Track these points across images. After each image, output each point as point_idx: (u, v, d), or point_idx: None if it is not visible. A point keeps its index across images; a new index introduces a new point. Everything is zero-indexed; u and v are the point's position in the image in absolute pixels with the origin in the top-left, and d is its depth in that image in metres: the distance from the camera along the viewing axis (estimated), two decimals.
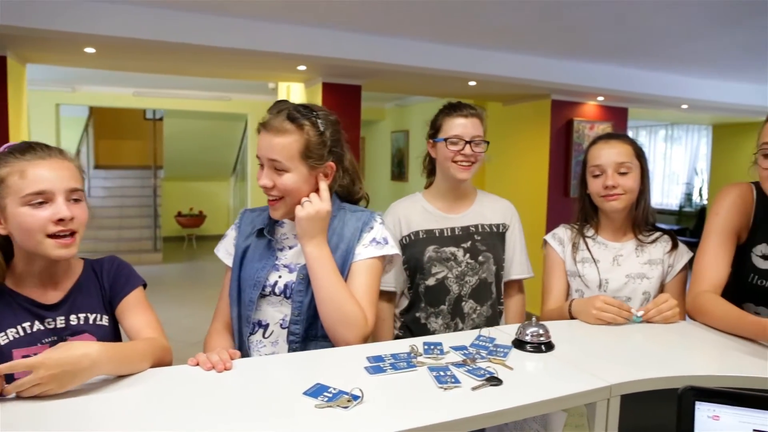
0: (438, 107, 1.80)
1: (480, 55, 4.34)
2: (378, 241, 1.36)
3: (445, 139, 1.69)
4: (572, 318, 1.51)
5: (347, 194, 1.47)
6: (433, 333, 1.70)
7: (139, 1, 3.24)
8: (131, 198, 9.18)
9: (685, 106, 6.06)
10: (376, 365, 1.07)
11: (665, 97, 5.37)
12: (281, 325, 1.35)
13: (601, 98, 5.47)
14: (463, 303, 1.72)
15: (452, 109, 1.73)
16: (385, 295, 1.73)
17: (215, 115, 8.66)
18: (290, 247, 1.39)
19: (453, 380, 0.99)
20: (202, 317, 1.48)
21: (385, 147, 8.60)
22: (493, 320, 1.75)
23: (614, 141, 1.65)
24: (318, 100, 4.66)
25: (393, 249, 1.38)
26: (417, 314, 1.74)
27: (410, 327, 1.76)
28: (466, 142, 1.67)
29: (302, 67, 4.28)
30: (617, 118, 5.79)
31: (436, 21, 3.60)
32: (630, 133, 9.49)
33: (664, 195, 9.68)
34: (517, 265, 1.81)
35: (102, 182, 9.33)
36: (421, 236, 1.74)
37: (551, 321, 1.45)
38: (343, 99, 4.70)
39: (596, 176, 1.64)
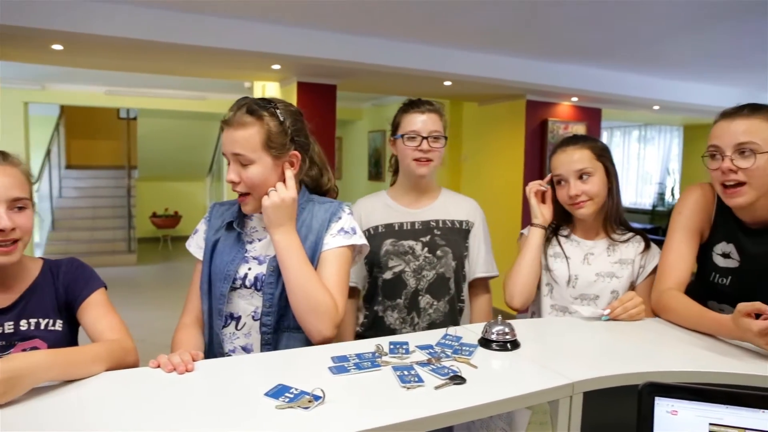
0: None
1: (455, 55, 4.36)
2: (346, 230, 1.38)
3: (403, 135, 1.70)
4: (533, 226, 1.68)
5: (316, 186, 1.49)
6: (389, 326, 1.72)
7: None
8: (104, 198, 9.03)
9: (656, 107, 6.17)
10: (340, 365, 1.06)
11: (637, 98, 5.46)
12: (253, 317, 1.35)
13: (575, 99, 5.54)
14: (420, 297, 1.72)
15: (410, 105, 1.73)
16: None
17: (190, 114, 8.56)
18: (259, 240, 1.40)
19: (416, 379, 0.99)
20: (178, 319, 1.47)
21: (362, 147, 8.59)
22: (451, 317, 1.75)
23: (570, 148, 1.65)
24: (293, 100, 4.64)
25: (361, 239, 1.40)
26: (375, 307, 1.75)
27: (369, 320, 1.77)
28: (423, 138, 1.68)
29: (276, 67, 4.25)
30: (591, 118, 5.86)
31: (411, 21, 3.60)
32: (605, 134, 9.65)
33: (638, 194, 9.83)
34: (482, 263, 1.82)
35: (74, 182, 9.16)
36: (380, 230, 1.74)
37: (518, 320, 1.46)
38: (319, 98, 4.68)
39: (560, 184, 1.66)
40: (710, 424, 0.96)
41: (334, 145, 4.81)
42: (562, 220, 1.74)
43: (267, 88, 5.43)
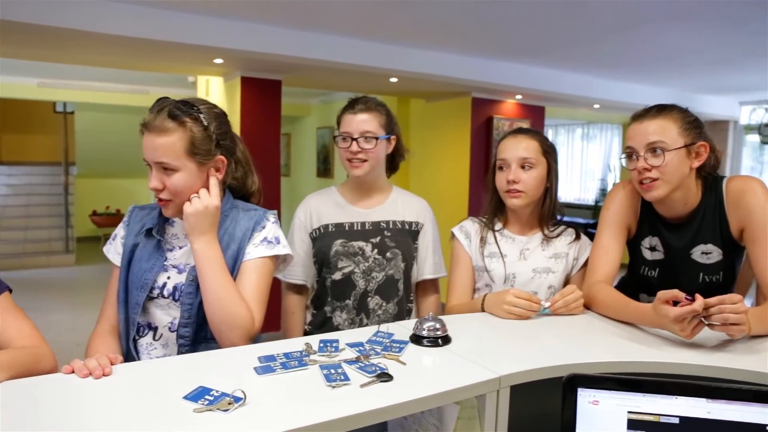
0: None
1: (401, 52, 4.37)
2: (269, 240, 1.35)
3: (335, 137, 1.70)
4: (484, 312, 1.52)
5: (241, 187, 1.45)
6: (337, 327, 1.70)
7: None
8: (39, 196, 8.61)
9: (596, 106, 6.37)
10: (266, 365, 1.04)
11: (578, 97, 5.62)
12: (170, 328, 1.31)
13: (519, 97, 5.65)
14: (369, 299, 1.71)
15: (348, 105, 1.72)
16: (295, 288, 1.74)
17: (132, 109, 8.23)
18: (180, 247, 1.35)
19: (342, 378, 0.98)
20: None
21: (311, 143, 8.50)
22: (399, 318, 1.74)
23: (522, 136, 1.66)
24: (237, 95, 4.56)
25: (285, 249, 1.37)
26: (324, 308, 1.73)
27: (317, 320, 1.75)
28: (353, 139, 1.66)
29: (219, 61, 4.15)
30: (535, 116, 6.00)
31: (356, 16, 3.58)
32: (550, 132, 9.89)
33: (582, 190, 10.14)
34: (430, 264, 1.81)
35: (6, 179, 8.70)
36: (330, 229, 1.72)
37: (453, 315, 1.47)
38: (263, 94, 4.60)
39: (501, 169, 1.66)
40: (629, 411, 0.99)
41: (279, 141, 4.74)
42: (498, 210, 1.74)
43: (211, 83, 5.30)
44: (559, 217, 1.74)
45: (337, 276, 1.70)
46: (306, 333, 1.76)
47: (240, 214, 1.37)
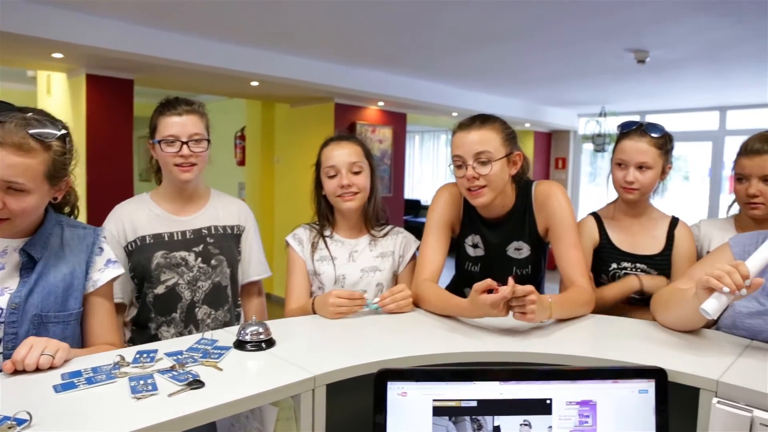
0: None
1: (261, 56, 4.33)
2: (112, 260, 1.32)
3: (160, 141, 1.61)
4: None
5: (66, 199, 1.37)
6: None
7: None
8: None
9: (455, 114, 6.75)
10: (69, 382, 0.98)
11: (437, 105, 5.93)
12: None
13: (381, 103, 5.83)
14: (197, 309, 1.66)
15: (166, 106, 1.63)
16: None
17: None
18: None
19: (150, 388, 0.96)
20: None
21: None
22: (231, 325, 1.72)
23: (345, 142, 1.73)
24: (82, 94, 4.24)
25: (121, 267, 1.35)
26: (149, 325, 1.64)
27: (139, 339, 1.65)
28: (183, 143, 1.59)
29: (58, 55, 3.83)
30: (396, 122, 6.22)
31: (213, 17, 3.49)
32: (416, 138, 10.28)
33: None
34: (255, 265, 1.81)
35: None
36: (148, 241, 1.63)
37: (283, 319, 1.49)
38: (112, 94, 4.32)
39: (331, 177, 1.71)
40: (433, 399, 1.08)
41: (131, 144, 4.47)
42: (326, 216, 1.79)
43: (53, 79, 4.87)
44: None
45: (160, 290, 1.62)
46: None
47: (66, 231, 1.29)
